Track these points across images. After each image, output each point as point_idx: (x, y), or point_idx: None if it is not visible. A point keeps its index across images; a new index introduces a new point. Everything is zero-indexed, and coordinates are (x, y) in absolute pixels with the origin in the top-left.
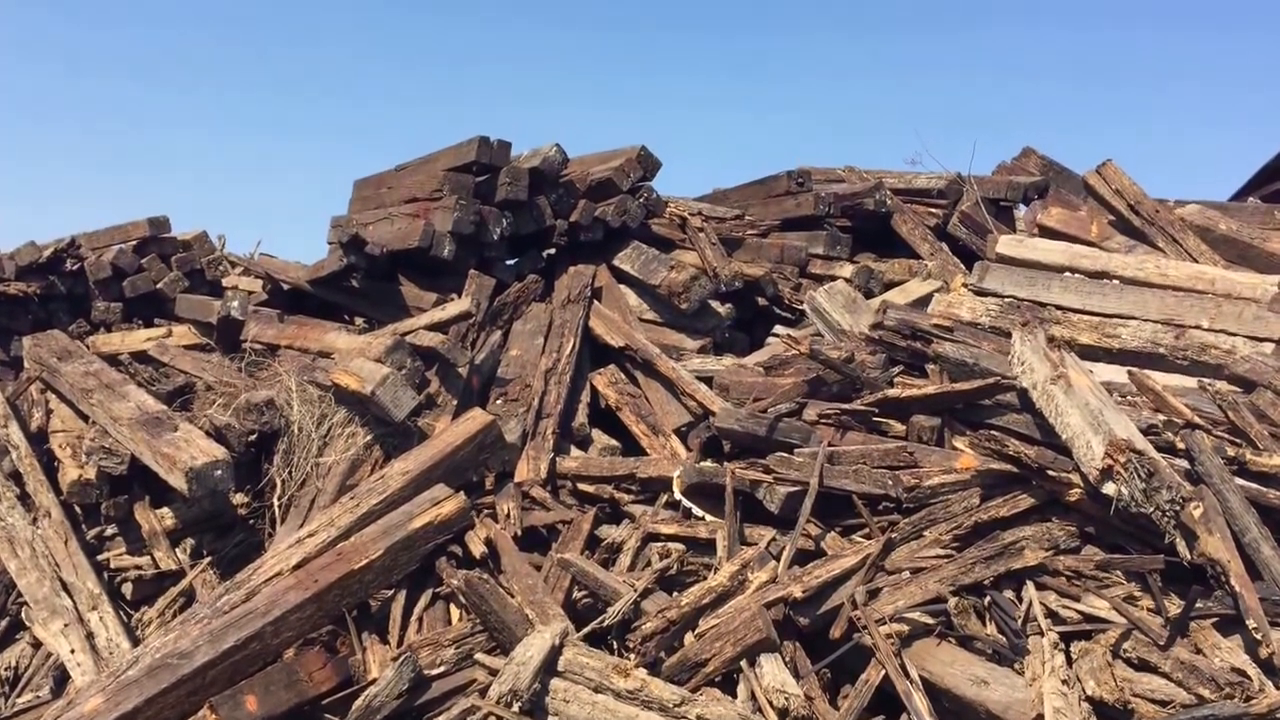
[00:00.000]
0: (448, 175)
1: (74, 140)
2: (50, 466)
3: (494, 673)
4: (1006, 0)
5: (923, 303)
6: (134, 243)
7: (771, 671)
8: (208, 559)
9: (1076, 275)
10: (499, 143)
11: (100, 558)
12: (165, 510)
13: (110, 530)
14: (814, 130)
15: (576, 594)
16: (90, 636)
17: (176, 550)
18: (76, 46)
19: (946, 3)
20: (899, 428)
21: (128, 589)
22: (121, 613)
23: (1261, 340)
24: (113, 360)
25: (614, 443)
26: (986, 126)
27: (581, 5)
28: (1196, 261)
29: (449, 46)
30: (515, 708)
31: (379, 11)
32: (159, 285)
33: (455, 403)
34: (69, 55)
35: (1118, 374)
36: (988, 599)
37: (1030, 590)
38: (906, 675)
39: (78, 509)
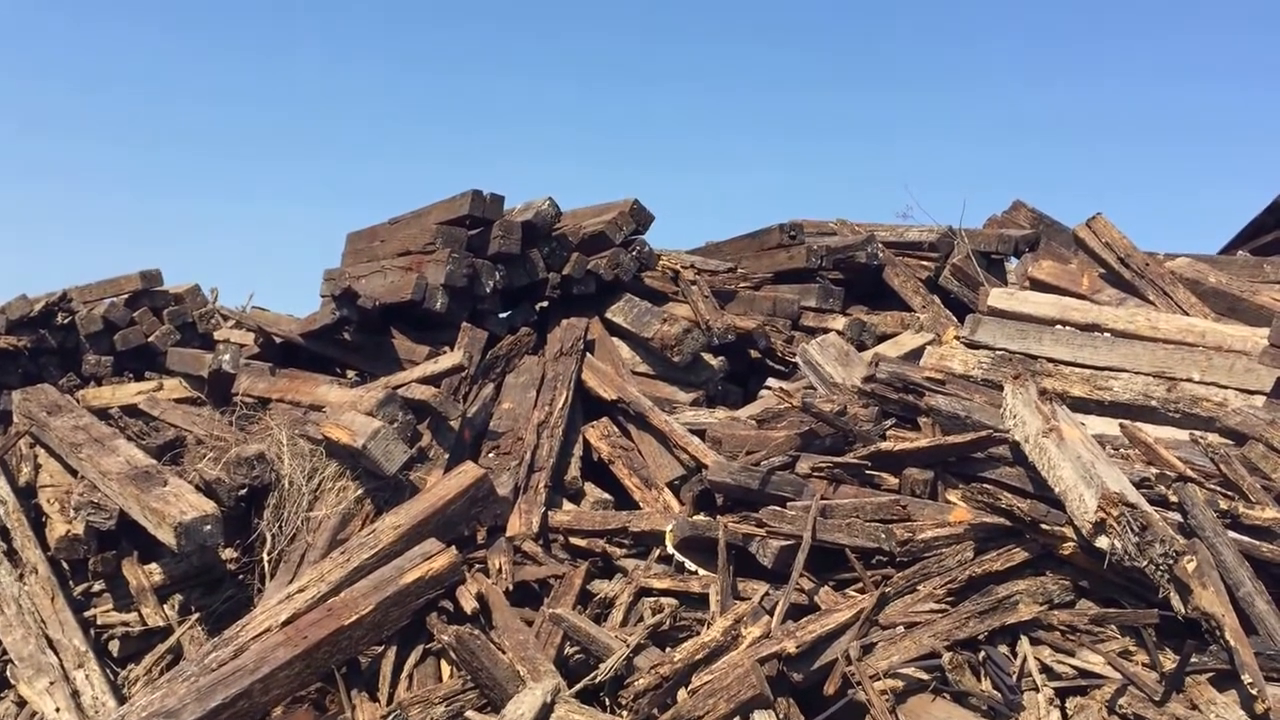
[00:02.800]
0: (441, 228)
1: (68, 194)
2: (38, 522)
3: None
4: (995, 58)
5: (915, 355)
6: (126, 296)
7: None
8: (196, 615)
9: (1068, 328)
10: (492, 196)
11: (87, 614)
12: (153, 566)
13: (98, 586)
14: (805, 184)
15: (568, 650)
16: (76, 695)
17: (164, 606)
18: (72, 109)
19: (936, 61)
20: (892, 481)
21: (114, 646)
22: (108, 670)
23: (1253, 393)
24: (103, 414)
25: (606, 496)
26: (976, 181)
27: (574, 62)
28: (1187, 314)
29: (442, 101)
30: None
31: (374, 65)
32: (150, 339)
33: (447, 456)
34: (65, 117)
35: (1109, 427)
36: (982, 654)
37: (1025, 645)
38: None
39: (65, 565)
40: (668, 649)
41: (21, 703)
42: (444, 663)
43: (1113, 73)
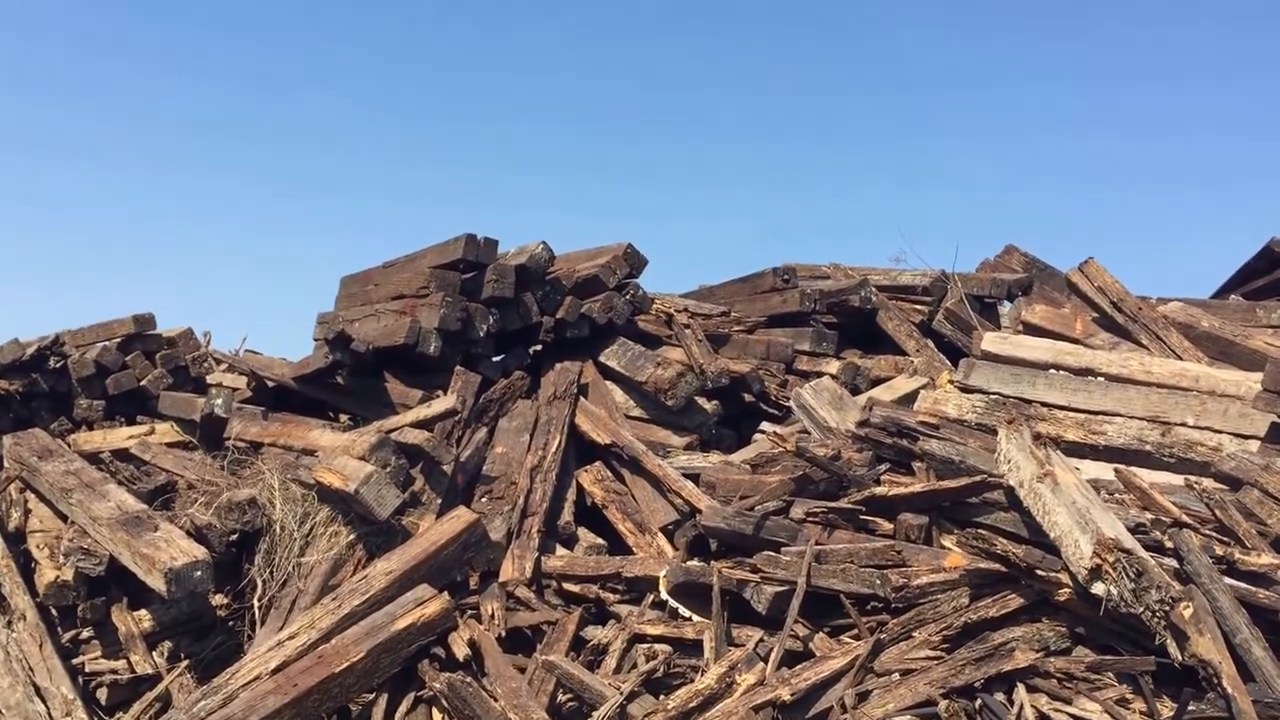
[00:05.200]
0: (434, 272)
1: (60, 226)
2: (27, 567)
3: None
4: (987, 105)
5: (909, 399)
6: (118, 340)
7: None
8: (185, 662)
9: (1061, 372)
10: (486, 240)
11: (75, 661)
12: (143, 612)
13: (86, 633)
14: (798, 228)
15: (561, 697)
16: None
17: (154, 653)
18: (69, 137)
19: (927, 107)
20: (886, 526)
21: (103, 694)
22: (96, 719)
23: (1247, 437)
24: (94, 458)
25: (600, 541)
26: (968, 225)
27: (569, 107)
28: (1180, 358)
29: (438, 145)
30: None
31: (369, 107)
32: (143, 382)
33: (440, 501)
34: (61, 145)
35: (1104, 471)
36: (979, 702)
37: (1021, 693)
38: None
39: (54, 611)
40: (661, 696)
41: None
42: (436, 710)
43: (1104, 119)
